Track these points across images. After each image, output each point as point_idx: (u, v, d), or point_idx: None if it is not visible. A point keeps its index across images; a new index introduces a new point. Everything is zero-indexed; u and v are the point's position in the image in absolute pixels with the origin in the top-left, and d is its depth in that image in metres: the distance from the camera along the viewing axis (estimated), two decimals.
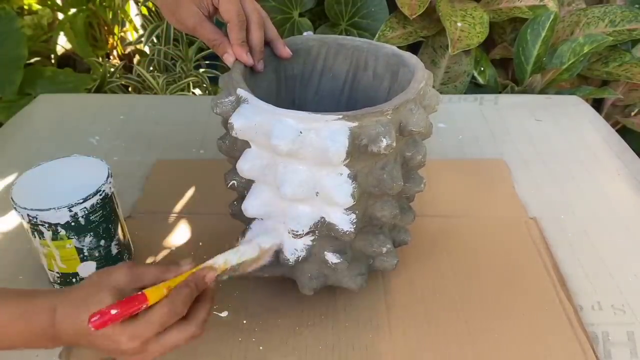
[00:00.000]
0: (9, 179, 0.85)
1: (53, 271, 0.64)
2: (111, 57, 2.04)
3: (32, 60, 1.75)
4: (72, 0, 1.79)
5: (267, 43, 0.62)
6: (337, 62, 0.66)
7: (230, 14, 0.58)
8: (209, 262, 0.51)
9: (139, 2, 1.86)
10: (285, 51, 0.62)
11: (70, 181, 0.62)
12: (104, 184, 0.61)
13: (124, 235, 0.67)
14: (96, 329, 0.41)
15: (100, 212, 0.61)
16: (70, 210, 0.59)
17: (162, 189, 0.83)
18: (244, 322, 0.62)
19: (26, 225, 0.60)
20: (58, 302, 0.45)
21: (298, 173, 0.50)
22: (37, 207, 0.58)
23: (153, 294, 0.44)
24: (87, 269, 0.63)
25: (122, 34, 2.04)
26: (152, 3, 1.70)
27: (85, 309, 0.43)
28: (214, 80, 1.63)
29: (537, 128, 1.00)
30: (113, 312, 0.42)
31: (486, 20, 1.38)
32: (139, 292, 0.44)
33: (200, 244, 0.73)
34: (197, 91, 1.68)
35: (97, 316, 0.41)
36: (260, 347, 0.59)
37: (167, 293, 0.46)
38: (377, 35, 1.41)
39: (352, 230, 0.52)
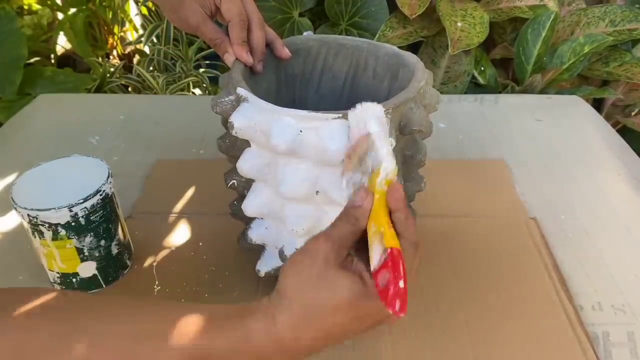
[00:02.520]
0: (9, 179, 0.85)
1: (53, 271, 0.64)
2: (111, 57, 2.04)
3: (32, 60, 1.75)
4: (72, 0, 1.79)
5: (267, 44, 0.62)
6: (337, 62, 0.66)
7: (232, 13, 0.59)
8: (381, 180, 0.40)
9: (139, 2, 1.86)
10: (284, 52, 0.63)
11: (70, 181, 0.62)
12: (104, 184, 0.61)
13: (124, 235, 0.67)
14: (404, 313, 0.35)
15: (101, 212, 0.61)
16: (71, 210, 0.59)
17: (162, 189, 0.83)
18: None
19: (26, 225, 0.60)
20: (278, 328, 0.38)
21: (298, 172, 0.50)
22: (37, 207, 0.58)
23: (395, 241, 0.37)
24: (87, 269, 0.63)
25: (122, 33, 2.04)
26: (153, 2, 1.70)
27: (326, 306, 0.38)
28: (214, 80, 1.63)
29: (537, 128, 1.00)
30: (401, 285, 0.35)
31: (486, 20, 1.38)
32: (389, 250, 0.36)
33: (200, 244, 0.73)
34: (197, 91, 1.68)
35: (396, 301, 0.35)
36: None
37: (393, 230, 0.38)
38: (377, 35, 1.41)
39: None
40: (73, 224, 0.60)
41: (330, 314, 0.38)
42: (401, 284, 0.35)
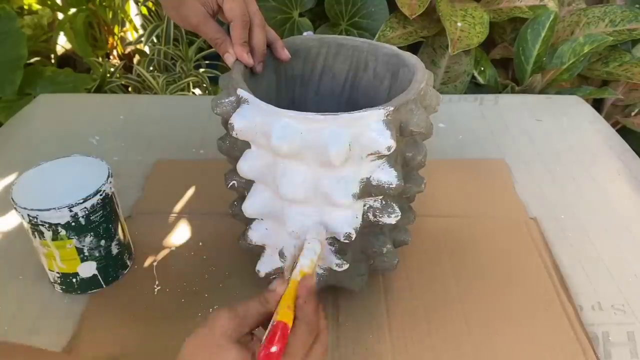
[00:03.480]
0: (9, 179, 0.85)
1: (53, 271, 0.64)
2: (111, 57, 2.04)
3: (32, 60, 1.75)
4: (72, 0, 1.79)
5: (267, 45, 0.62)
6: (337, 62, 0.66)
7: (234, 13, 0.58)
8: (296, 272, 0.47)
9: (139, 2, 1.86)
10: (284, 53, 0.62)
11: (71, 181, 0.62)
12: (104, 184, 0.61)
13: (124, 235, 0.67)
14: None
15: (101, 212, 0.61)
16: (71, 210, 0.59)
17: (162, 189, 0.83)
18: None
19: (26, 225, 0.60)
20: None
21: (298, 173, 0.50)
22: (37, 207, 0.58)
23: (287, 318, 0.42)
24: (87, 269, 0.64)
25: (122, 34, 2.04)
26: (154, 1, 1.70)
27: None
28: (214, 80, 1.63)
29: (537, 128, 1.00)
30: (273, 349, 0.39)
31: (486, 20, 1.38)
32: (274, 322, 0.41)
33: (200, 244, 0.73)
34: (197, 91, 1.68)
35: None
36: None
37: (291, 312, 0.43)
38: (377, 35, 1.41)
39: (352, 230, 0.52)
40: (73, 224, 0.60)
41: None
42: (273, 349, 0.40)
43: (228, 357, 0.41)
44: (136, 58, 2.02)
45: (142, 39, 1.69)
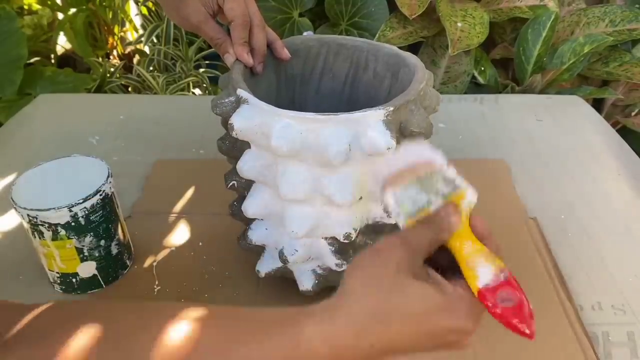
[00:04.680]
0: (9, 179, 0.85)
1: (53, 271, 0.64)
2: (111, 57, 2.04)
3: (32, 60, 1.75)
4: (72, 0, 1.79)
5: (267, 45, 0.62)
6: (337, 62, 0.66)
7: (234, 13, 0.59)
8: (469, 201, 0.41)
9: (139, 2, 1.86)
10: (284, 53, 0.62)
11: (70, 181, 0.62)
12: (104, 184, 0.61)
13: (124, 235, 0.67)
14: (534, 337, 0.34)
15: (101, 212, 0.61)
16: (71, 210, 0.59)
17: (162, 189, 0.83)
18: None
19: (26, 225, 0.60)
20: (335, 330, 0.35)
21: (298, 174, 0.50)
22: (37, 207, 0.58)
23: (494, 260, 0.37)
24: (87, 269, 0.63)
25: (122, 34, 2.04)
26: (154, 1, 1.70)
27: (395, 314, 0.35)
28: (214, 80, 1.63)
29: (537, 128, 1.00)
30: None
31: (486, 20, 1.38)
32: (508, 271, 0.37)
33: (200, 244, 0.73)
34: (197, 91, 1.68)
35: (532, 321, 0.34)
36: None
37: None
38: (377, 35, 1.41)
39: (352, 230, 0.52)
40: (73, 224, 0.60)
41: (398, 322, 0.35)
42: (502, 275, 0.35)
43: (416, 295, 0.35)
44: (136, 58, 2.03)
45: (142, 39, 1.69)
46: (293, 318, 0.36)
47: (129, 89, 1.65)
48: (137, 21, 2.02)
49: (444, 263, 0.39)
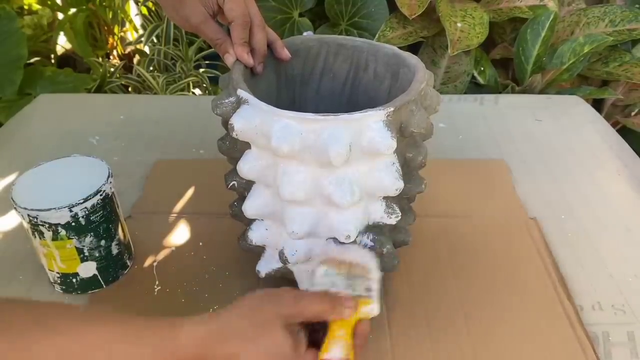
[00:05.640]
0: (9, 179, 0.85)
1: (53, 271, 0.64)
2: (111, 57, 2.04)
3: (32, 60, 1.75)
4: (72, 0, 1.79)
5: (267, 45, 0.62)
6: (337, 62, 0.66)
7: (235, 13, 0.59)
8: (370, 309, 0.49)
9: (139, 2, 1.86)
10: (284, 53, 0.62)
11: (71, 181, 0.62)
12: (104, 184, 0.61)
13: (124, 235, 0.67)
14: None
15: (101, 212, 0.61)
16: (71, 211, 0.59)
17: (162, 189, 0.83)
18: None
19: (26, 225, 0.60)
20: (208, 331, 0.43)
21: (298, 174, 0.50)
22: (37, 207, 0.58)
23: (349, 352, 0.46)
24: (87, 269, 0.64)
25: (122, 34, 2.04)
26: (154, 0, 1.70)
27: (255, 343, 0.42)
28: (214, 80, 1.63)
29: (537, 128, 1.00)
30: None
31: (486, 20, 1.38)
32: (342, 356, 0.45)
33: (200, 244, 0.73)
34: (197, 91, 1.68)
35: None
36: None
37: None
38: (377, 35, 1.41)
39: (352, 230, 0.52)
40: (73, 224, 0.60)
41: (252, 352, 0.42)
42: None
43: (274, 337, 0.43)
44: (136, 58, 2.02)
45: (142, 39, 1.69)
46: (175, 321, 0.43)
47: (129, 89, 1.65)
48: (137, 21, 2.02)
49: (317, 339, 0.47)
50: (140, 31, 2.00)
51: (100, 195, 0.61)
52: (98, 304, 0.64)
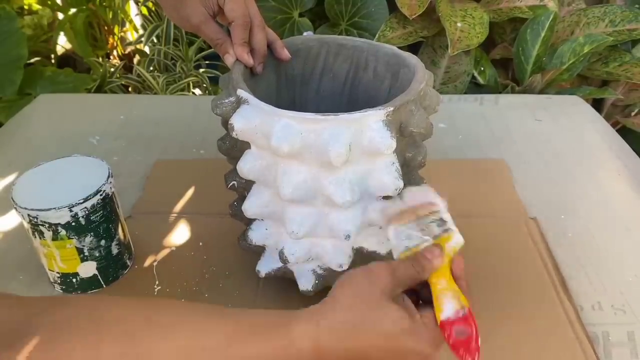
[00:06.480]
0: (9, 179, 0.85)
1: (53, 271, 0.64)
2: (111, 57, 2.04)
3: (32, 60, 1.75)
4: (72, 0, 1.79)
5: (267, 45, 0.62)
6: (337, 62, 0.66)
7: (235, 14, 0.59)
8: (452, 245, 0.47)
9: (139, 2, 1.86)
10: (284, 53, 0.62)
11: (71, 181, 0.62)
12: (104, 184, 0.61)
13: (124, 235, 0.67)
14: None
15: (101, 212, 0.61)
16: (71, 210, 0.59)
17: (162, 189, 0.83)
18: None
19: (26, 225, 0.60)
20: (320, 331, 0.41)
21: (298, 174, 0.50)
22: (37, 207, 0.58)
23: (468, 304, 0.44)
24: (87, 269, 0.64)
25: (122, 34, 2.04)
26: (154, 0, 1.70)
27: (371, 330, 0.41)
28: (214, 80, 1.63)
29: (537, 128, 1.00)
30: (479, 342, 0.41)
31: (486, 20, 1.38)
32: (468, 309, 0.43)
33: (200, 244, 0.73)
34: (197, 91, 1.68)
35: (476, 354, 0.40)
36: None
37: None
38: (377, 35, 1.41)
39: (353, 230, 0.52)
40: (73, 224, 0.60)
41: (372, 336, 0.41)
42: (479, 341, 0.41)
43: (390, 316, 0.41)
44: (136, 58, 2.03)
45: (142, 39, 1.69)
46: (283, 320, 0.42)
47: (129, 89, 1.65)
48: (137, 21, 2.02)
49: (426, 295, 0.45)
50: (140, 31, 2.00)
51: (100, 195, 0.61)
52: None
